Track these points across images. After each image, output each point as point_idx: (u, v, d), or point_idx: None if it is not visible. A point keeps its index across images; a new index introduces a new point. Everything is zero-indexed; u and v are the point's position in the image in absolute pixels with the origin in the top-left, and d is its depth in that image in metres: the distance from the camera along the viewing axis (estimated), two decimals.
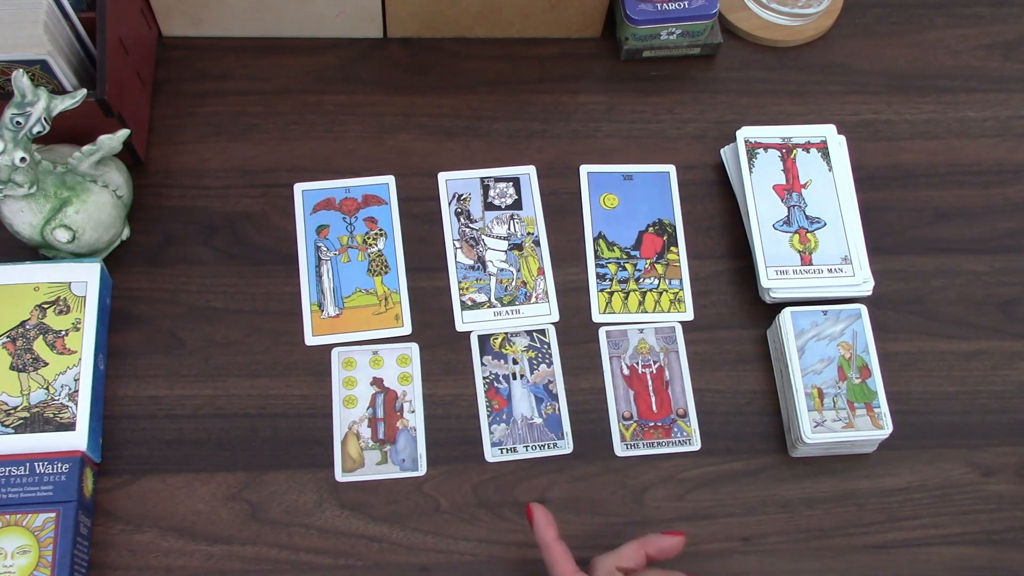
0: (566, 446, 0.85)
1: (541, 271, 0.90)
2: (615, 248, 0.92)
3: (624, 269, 0.91)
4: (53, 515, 0.76)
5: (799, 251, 0.89)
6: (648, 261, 0.91)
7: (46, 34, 0.80)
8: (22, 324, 0.82)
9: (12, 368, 0.81)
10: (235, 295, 0.88)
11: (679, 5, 0.95)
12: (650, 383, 0.87)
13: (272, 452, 0.83)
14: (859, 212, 0.91)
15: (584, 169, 0.94)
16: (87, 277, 0.84)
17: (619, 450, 0.85)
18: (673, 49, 0.99)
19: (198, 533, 0.80)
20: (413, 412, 0.85)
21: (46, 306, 0.83)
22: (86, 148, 0.81)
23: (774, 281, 0.88)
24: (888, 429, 0.83)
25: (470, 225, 0.92)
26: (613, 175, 0.94)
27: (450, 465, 0.84)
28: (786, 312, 0.86)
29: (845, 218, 0.90)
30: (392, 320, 0.88)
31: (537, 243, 0.91)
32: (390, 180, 0.93)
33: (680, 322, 0.89)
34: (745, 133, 0.93)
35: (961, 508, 0.84)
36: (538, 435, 0.85)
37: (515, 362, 0.87)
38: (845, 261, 0.88)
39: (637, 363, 0.88)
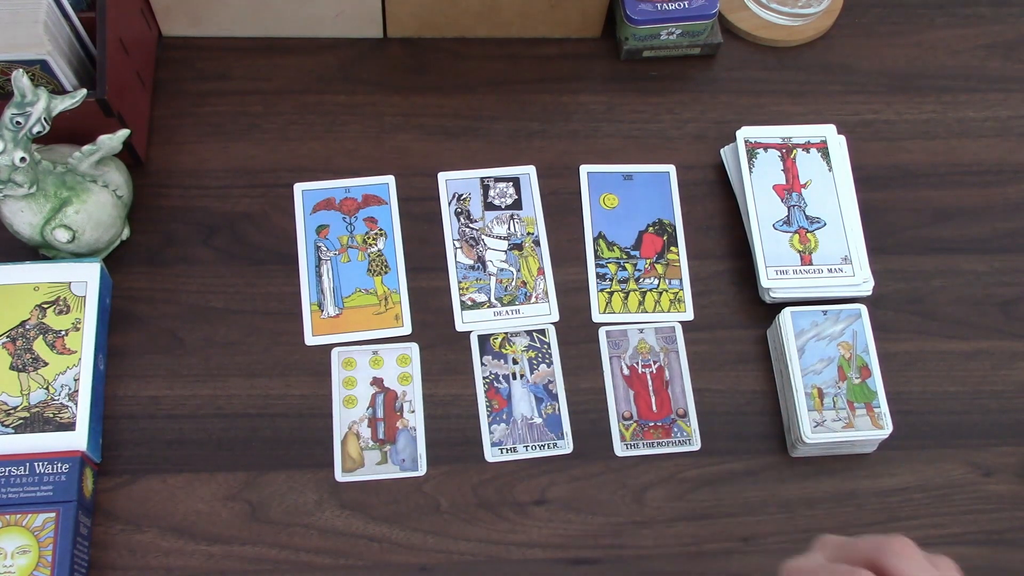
0: (566, 446, 0.85)
1: (541, 271, 0.90)
2: (615, 248, 0.92)
3: (624, 269, 0.91)
4: (53, 515, 0.76)
5: (799, 251, 0.89)
6: (648, 261, 0.91)
7: (46, 34, 0.80)
8: (22, 324, 0.82)
9: (12, 368, 0.81)
10: (235, 295, 0.88)
11: (679, 5, 0.95)
12: (650, 383, 0.87)
13: (272, 452, 0.83)
14: (859, 212, 0.91)
15: (584, 169, 0.94)
16: (87, 277, 0.84)
17: (619, 450, 0.85)
18: (673, 49, 0.99)
19: (198, 533, 0.80)
20: (413, 412, 0.85)
21: (46, 306, 0.83)
22: (86, 148, 0.81)
23: (774, 281, 0.88)
24: (888, 429, 0.83)
25: (470, 225, 0.92)
26: (613, 175, 0.94)
27: (450, 465, 0.84)
28: (786, 312, 0.86)
29: (845, 218, 0.90)
30: (392, 320, 0.88)
31: (537, 243, 0.91)
32: (390, 180, 0.93)
33: (680, 322, 0.89)
34: (745, 133, 0.93)
35: (961, 508, 0.84)
36: (538, 435, 0.85)
37: (515, 362, 0.87)
38: (845, 261, 0.88)
39: (637, 363, 0.88)
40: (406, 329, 0.88)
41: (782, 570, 0.59)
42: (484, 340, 0.88)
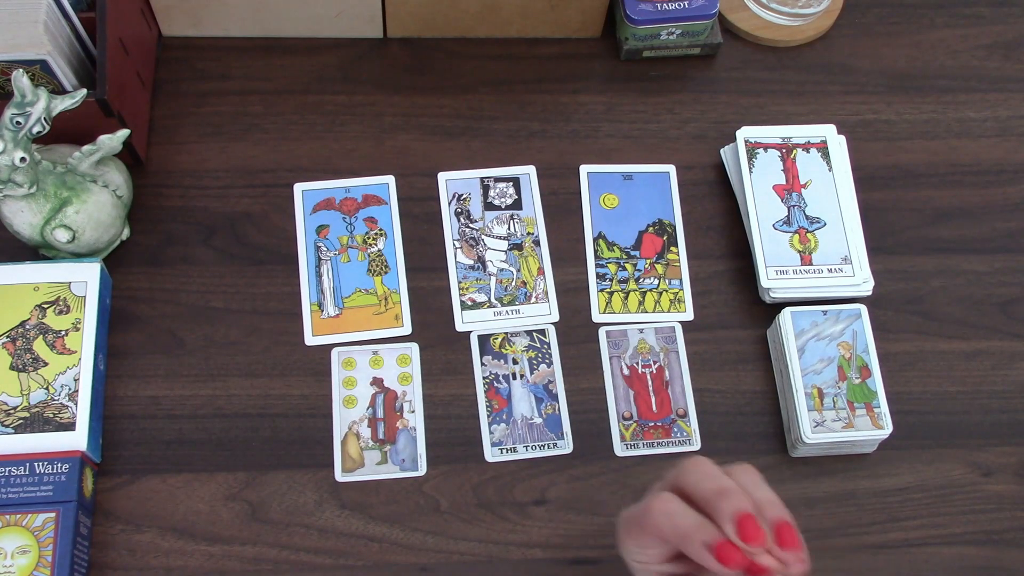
0: (566, 446, 0.85)
1: (541, 271, 0.90)
2: (615, 248, 0.92)
3: (624, 269, 0.91)
4: (53, 515, 0.76)
5: (799, 251, 0.89)
6: (648, 261, 0.91)
7: (46, 34, 0.80)
8: (22, 324, 0.82)
9: (12, 368, 0.81)
10: (235, 295, 0.88)
11: (679, 5, 0.95)
12: (650, 383, 0.87)
13: (272, 452, 0.83)
14: (859, 212, 0.91)
15: (584, 169, 0.94)
16: (87, 277, 0.84)
17: (619, 450, 0.85)
18: (673, 49, 0.99)
19: (198, 533, 0.80)
20: (413, 412, 0.85)
21: (46, 306, 0.83)
22: (86, 148, 0.81)
23: (774, 281, 0.88)
24: (888, 429, 0.83)
25: (470, 225, 0.92)
26: (613, 175, 0.94)
27: (450, 465, 0.84)
28: (786, 312, 0.86)
29: (845, 218, 0.90)
30: (392, 320, 0.88)
31: (537, 243, 0.91)
32: (390, 180, 0.93)
33: (680, 322, 0.89)
34: (745, 133, 0.93)
35: (961, 508, 0.84)
36: (538, 435, 0.85)
37: (515, 362, 0.87)
38: (845, 261, 0.89)
39: (637, 363, 0.88)
40: (406, 329, 0.88)
41: (619, 521, 0.61)
42: (484, 340, 0.88)
